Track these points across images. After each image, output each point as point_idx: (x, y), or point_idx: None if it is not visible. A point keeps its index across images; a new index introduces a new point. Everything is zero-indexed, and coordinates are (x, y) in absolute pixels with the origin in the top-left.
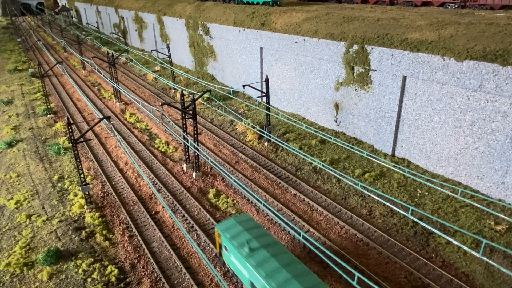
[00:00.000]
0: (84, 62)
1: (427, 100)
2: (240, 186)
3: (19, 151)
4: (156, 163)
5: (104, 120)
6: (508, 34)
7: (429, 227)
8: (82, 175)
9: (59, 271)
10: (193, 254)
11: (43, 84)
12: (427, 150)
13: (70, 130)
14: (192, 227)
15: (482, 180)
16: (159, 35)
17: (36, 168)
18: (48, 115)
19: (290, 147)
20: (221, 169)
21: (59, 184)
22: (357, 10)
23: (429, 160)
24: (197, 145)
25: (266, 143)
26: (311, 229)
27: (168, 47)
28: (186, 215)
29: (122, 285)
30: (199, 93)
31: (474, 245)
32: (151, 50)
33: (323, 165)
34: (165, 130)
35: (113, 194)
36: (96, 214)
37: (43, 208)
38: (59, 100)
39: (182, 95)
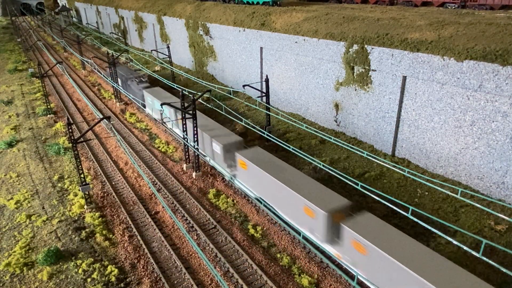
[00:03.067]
0: (84, 62)
1: (427, 100)
2: (240, 186)
3: (19, 151)
4: (156, 163)
5: (104, 120)
6: (508, 34)
7: (429, 227)
8: (82, 175)
9: (59, 271)
10: (193, 254)
11: (43, 84)
12: (427, 150)
13: (70, 130)
14: (192, 227)
15: (482, 180)
16: (159, 35)
17: (36, 168)
18: (48, 115)
19: (290, 147)
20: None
21: (59, 184)
22: (357, 10)
23: (429, 160)
24: (197, 145)
25: (266, 143)
26: None
27: (168, 47)
28: (186, 215)
29: (122, 285)
30: (199, 93)
31: (474, 245)
32: (151, 50)
33: (323, 165)
34: (165, 130)
35: (113, 194)
36: (96, 214)
37: (43, 208)
38: (59, 100)
39: (182, 95)
